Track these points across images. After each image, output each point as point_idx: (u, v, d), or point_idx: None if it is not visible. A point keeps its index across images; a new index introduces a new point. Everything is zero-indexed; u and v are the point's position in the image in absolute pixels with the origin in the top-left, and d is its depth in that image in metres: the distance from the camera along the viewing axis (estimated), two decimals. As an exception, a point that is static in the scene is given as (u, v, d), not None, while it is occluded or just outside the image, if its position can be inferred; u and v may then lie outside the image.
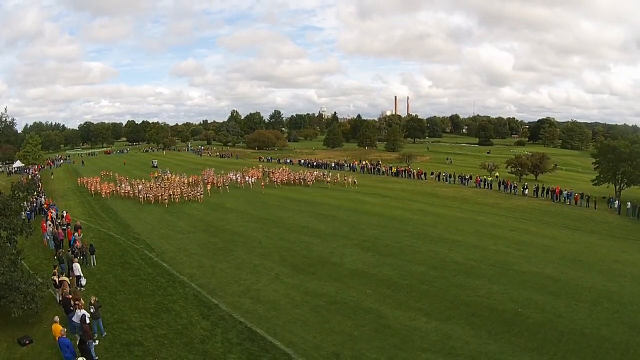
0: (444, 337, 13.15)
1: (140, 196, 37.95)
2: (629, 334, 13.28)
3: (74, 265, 17.87)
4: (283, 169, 55.26)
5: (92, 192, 42.81)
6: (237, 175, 48.97)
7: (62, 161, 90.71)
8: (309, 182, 48.46)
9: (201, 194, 38.54)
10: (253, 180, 47.99)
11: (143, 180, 46.19)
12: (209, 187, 41.97)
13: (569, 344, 12.70)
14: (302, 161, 75.45)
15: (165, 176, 51.29)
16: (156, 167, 69.11)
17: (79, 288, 17.23)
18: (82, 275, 17.84)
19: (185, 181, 46.24)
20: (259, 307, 15.57)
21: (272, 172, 52.56)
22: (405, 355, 12.18)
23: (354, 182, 47.46)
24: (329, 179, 48.90)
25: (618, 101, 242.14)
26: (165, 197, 36.72)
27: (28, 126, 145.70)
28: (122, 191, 40.84)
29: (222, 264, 20.69)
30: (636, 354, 12.16)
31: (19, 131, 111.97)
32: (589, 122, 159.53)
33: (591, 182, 43.04)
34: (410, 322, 14.27)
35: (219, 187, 44.51)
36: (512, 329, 13.67)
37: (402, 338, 13.17)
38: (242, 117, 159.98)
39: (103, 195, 40.10)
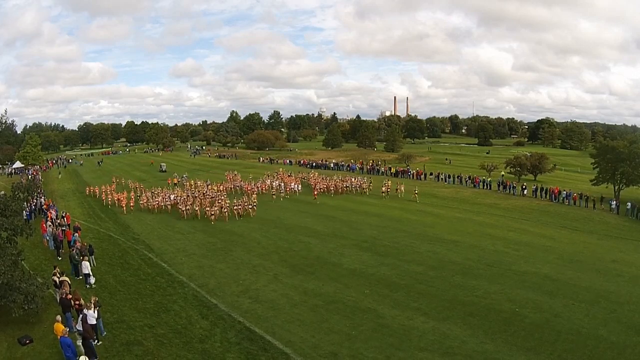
0: (441, 337, 13.24)
1: (183, 208, 31.74)
2: (626, 334, 13.36)
3: (83, 263, 18.03)
4: (313, 174, 49.65)
5: (108, 203, 36.51)
6: (277, 181, 42.72)
7: (70, 161, 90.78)
8: (365, 190, 41.87)
9: (253, 207, 32.05)
10: (299, 188, 41.95)
11: (163, 188, 39.66)
12: (254, 197, 34.21)
13: (566, 343, 12.78)
14: (301, 162, 75.33)
15: (188, 183, 44.74)
16: (165, 171, 63.80)
17: (87, 286, 17.51)
18: (91, 273, 18.00)
19: (216, 188, 39.83)
20: (257, 307, 15.65)
21: (311, 179, 46.70)
22: (402, 355, 12.26)
23: (415, 193, 39.19)
24: (383, 188, 40.57)
25: (617, 101, 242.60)
26: (213, 212, 30.24)
27: (27, 127, 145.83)
28: (153, 203, 34.23)
29: (221, 264, 20.77)
30: (633, 353, 12.24)
31: (19, 132, 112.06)
32: (588, 122, 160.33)
33: (590, 182, 43.11)
34: (408, 321, 14.35)
35: (273, 196, 38.54)
36: (509, 328, 13.75)
37: (400, 337, 13.25)
38: (242, 118, 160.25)
39: (124, 210, 33.38)
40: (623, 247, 25.91)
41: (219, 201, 32.21)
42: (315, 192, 39.35)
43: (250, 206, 31.95)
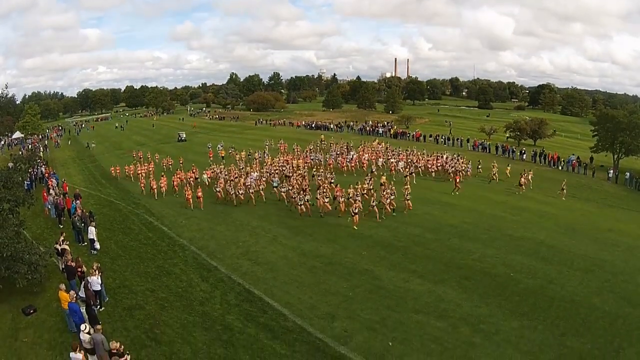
0: (436, 299, 13.48)
1: (298, 200, 22.23)
2: (619, 304, 13.28)
3: (89, 229, 18.12)
4: (392, 149, 37.65)
5: (152, 191, 27.59)
6: (365, 156, 35.03)
7: (82, 126, 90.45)
8: (494, 176, 31.28)
9: (408, 200, 22.48)
10: (402, 166, 31.97)
11: (217, 165, 31.81)
12: (369, 180, 25.53)
13: (559, 310, 12.83)
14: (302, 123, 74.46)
15: (238, 155, 36.62)
16: (185, 140, 56.36)
17: (93, 252, 17.68)
18: (95, 239, 18.05)
19: (295, 163, 32.65)
20: (257, 269, 15.92)
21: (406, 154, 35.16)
22: (398, 317, 12.51)
23: (563, 189, 28.20)
24: (522, 179, 28.86)
25: (619, 70, 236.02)
26: (356, 209, 20.39)
27: (26, 96, 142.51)
28: (239, 190, 24.67)
29: (221, 226, 20.98)
30: (625, 323, 12.17)
31: (18, 102, 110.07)
32: (589, 89, 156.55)
33: (590, 149, 42.90)
34: (404, 283, 14.59)
35: (405, 177, 28.66)
36: (503, 292, 13.93)
37: (396, 299, 13.50)
38: (241, 80, 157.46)
39: (191, 204, 24.18)
40: (620, 217, 25.85)
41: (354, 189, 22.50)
42: (458, 180, 27.88)
43: (405, 198, 22.68)
